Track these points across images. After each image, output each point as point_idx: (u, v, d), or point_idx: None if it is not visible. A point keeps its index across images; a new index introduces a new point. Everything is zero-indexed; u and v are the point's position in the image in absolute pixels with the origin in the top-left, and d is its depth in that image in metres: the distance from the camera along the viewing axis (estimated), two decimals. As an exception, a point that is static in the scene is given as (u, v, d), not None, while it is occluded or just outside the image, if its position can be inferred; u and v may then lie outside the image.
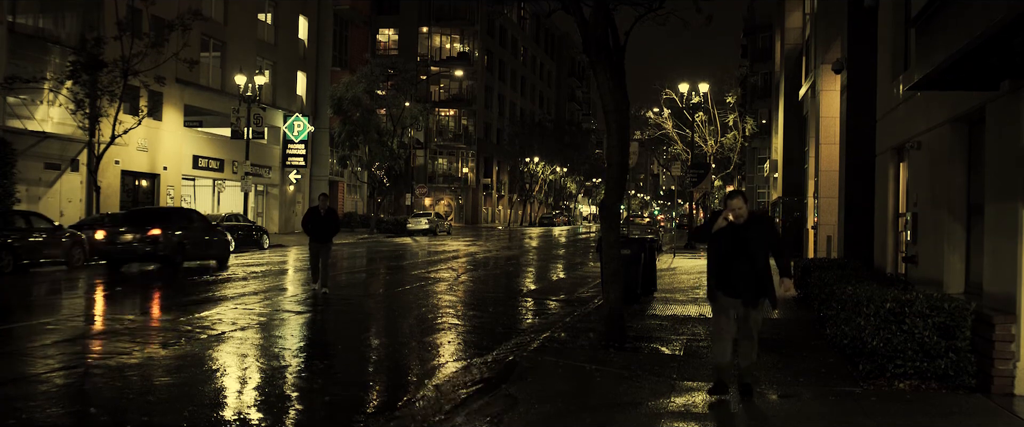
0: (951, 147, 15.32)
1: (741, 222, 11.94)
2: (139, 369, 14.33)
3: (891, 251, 20.82)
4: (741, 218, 11.94)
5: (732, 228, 11.99)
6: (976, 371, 12.22)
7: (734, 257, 12.00)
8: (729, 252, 12.03)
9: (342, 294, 26.46)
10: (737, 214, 11.93)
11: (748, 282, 11.96)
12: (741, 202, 12.02)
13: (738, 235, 11.95)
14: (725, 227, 11.99)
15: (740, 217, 11.92)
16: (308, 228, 26.43)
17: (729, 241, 12.01)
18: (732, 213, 11.95)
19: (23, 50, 44.74)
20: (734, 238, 11.98)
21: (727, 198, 12.37)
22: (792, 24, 41.94)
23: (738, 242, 11.96)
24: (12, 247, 31.70)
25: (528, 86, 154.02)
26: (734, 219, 11.93)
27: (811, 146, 33.92)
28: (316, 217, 26.32)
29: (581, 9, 17.07)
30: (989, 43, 10.17)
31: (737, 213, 11.94)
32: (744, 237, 11.92)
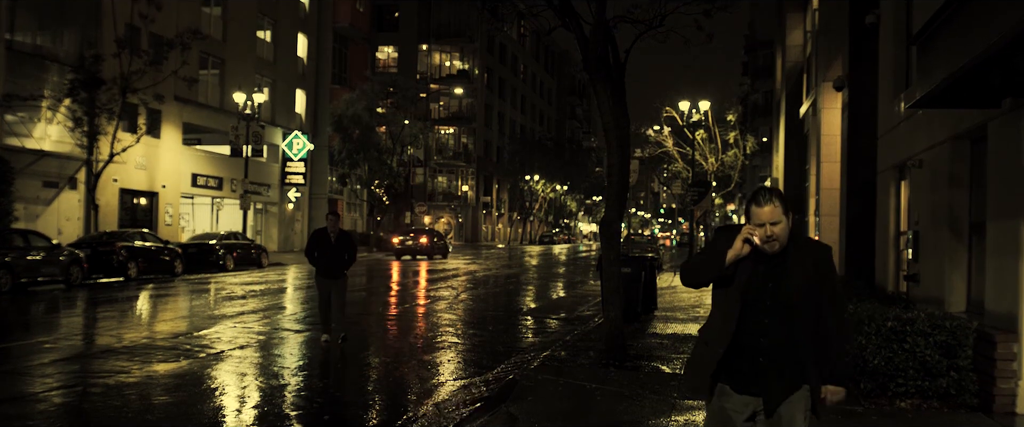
0: (952, 165, 15.29)
1: (774, 251, 6.53)
2: (138, 388, 14.28)
3: (892, 269, 20.77)
4: (775, 244, 6.51)
5: (757, 260, 6.60)
6: (978, 390, 12.17)
7: (758, 313, 6.57)
8: (751, 303, 6.59)
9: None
10: (770, 237, 6.49)
11: (779, 362, 6.60)
12: (777, 211, 6.48)
13: (768, 274, 6.59)
14: (746, 256, 6.56)
15: (775, 242, 6.50)
16: (314, 257, 19.67)
17: (751, 284, 6.60)
18: (759, 232, 6.48)
19: (21, 68, 44.72)
20: (761, 279, 6.59)
21: (751, 202, 6.59)
22: (793, 42, 41.89)
23: (767, 286, 6.59)
24: (10, 266, 31.62)
25: (528, 104, 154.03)
26: (762, 244, 6.49)
27: (812, 164, 33.86)
28: (323, 243, 19.60)
29: (581, 27, 17.06)
30: (990, 61, 10.14)
31: (770, 235, 6.48)
32: (779, 278, 6.56)
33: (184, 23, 51.31)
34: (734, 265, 6.52)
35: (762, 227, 6.45)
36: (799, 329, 6.51)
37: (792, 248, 6.55)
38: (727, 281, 6.60)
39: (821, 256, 6.67)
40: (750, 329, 6.57)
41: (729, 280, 6.59)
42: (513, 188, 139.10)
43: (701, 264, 6.74)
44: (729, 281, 6.59)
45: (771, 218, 6.44)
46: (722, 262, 6.48)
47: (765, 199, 6.49)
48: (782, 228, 6.44)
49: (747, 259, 6.53)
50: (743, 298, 6.55)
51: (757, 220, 6.45)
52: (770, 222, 6.42)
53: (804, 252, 6.61)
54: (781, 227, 6.43)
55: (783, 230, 6.44)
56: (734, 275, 6.57)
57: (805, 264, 6.54)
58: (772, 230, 6.40)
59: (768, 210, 6.45)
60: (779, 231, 6.43)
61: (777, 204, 6.45)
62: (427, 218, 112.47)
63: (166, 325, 23.65)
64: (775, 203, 6.46)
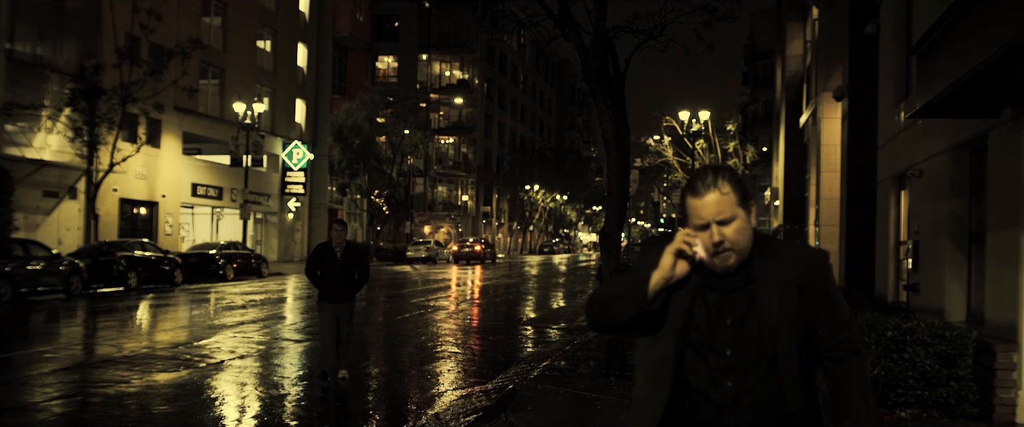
0: (953, 175, 15.28)
1: (729, 267, 4.05)
2: (138, 397, 14.27)
3: (892, 279, 20.76)
4: (730, 256, 4.01)
5: (704, 285, 4.13)
6: (978, 399, 12.14)
7: (710, 372, 4.07)
8: (697, 358, 4.10)
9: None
10: (719, 244, 4.00)
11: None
12: (728, 201, 4.02)
13: (723, 305, 4.09)
14: (682, 280, 4.10)
15: (728, 253, 4.01)
16: (316, 276, 16.03)
17: (693, 325, 4.11)
18: (701, 239, 4.04)
19: (21, 77, 44.71)
20: (712, 315, 4.10)
21: (686, 191, 4.16)
22: (793, 52, 41.94)
23: (722, 325, 4.07)
24: (10, 275, 31.62)
25: (528, 113, 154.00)
26: (709, 258, 4.05)
27: (812, 174, 33.88)
28: (328, 259, 15.90)
29: (581, 36, 17.06)
30: (991, 70, 10.13)
31: (718, 241, 4.00)
32: (742, 311, 4.07)
33: (184, 33, 51.39)
34: (664, 295, 4.04)
35: (705, 230, 3.95)
36: (788, 395, 3.99)
37: (759, 260, 4.04)
38: (653, 323, 4.10)
39: (812, 270, 4.07)
40: (698, 401, 4.06)
41: (656, 321, 4.09)
42: (513, 198, 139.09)
43: (617, 294, 4.17)
44: (656, 323, 4.10)
45: (717, 213, 3.93)
46: (643, 295, 4.01)
47: (707, 184, 4.00)
48: (738, 229, 3.95)
49: (684, 285, 4.06)
50: (682, 349, 4.05)
51: (697, 218, 3.97)
52: (717, 220, 3.93)
53: (781, 265, 4.04)
54: (736, 227, 3.95)
55: (740, 232, 3.95)
56: (664, 313, 4.08)
57: (784, 284, 3.99)
58: (722, 233, 3.92)
59: (713, 200, 3.95)
60: (733, 234, 3.93)
61: (728, 190, 3.97)
62: (427, 228, 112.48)
63: (166, 335, 23.64)
64: (723, 189, 3.97)
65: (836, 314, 4.13)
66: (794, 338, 4.01)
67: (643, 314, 4.11)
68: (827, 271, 4.19)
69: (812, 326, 4.07)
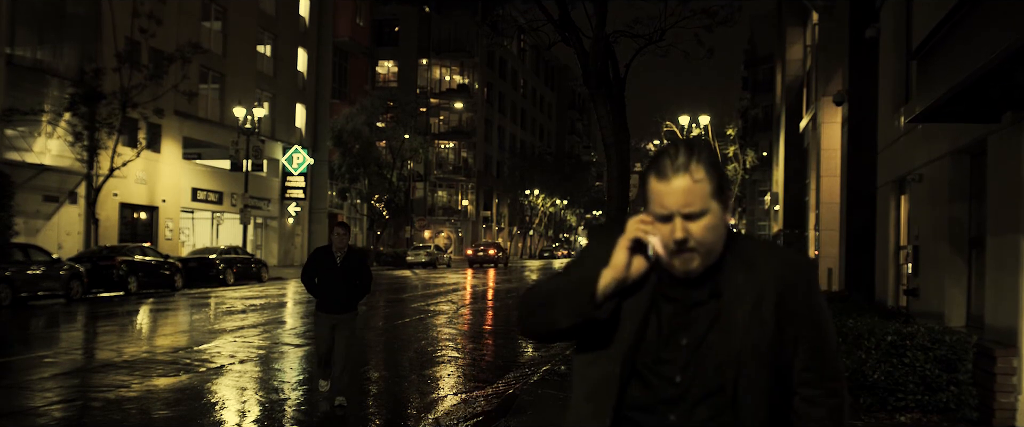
0: (952, 179, 15.29)
1: (691, 271, 3.18)
2: (138, 402, 14.26)
3: (892, 283, 20.76)
4: (693, 258, 3.15)
5: (661, 291, 3.27)
6: (978, 404, 12.15)
7: (656, 403, 3.26)
8: (644, 382, 3.28)
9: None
10: (683, 242, 3.13)
11: None
12: (699, 189, 3.14)
13: (680, 320, 3.24)
14: (638, 282, 3.27)
15: (692, 255, 3.15)
16: (313, 284, 14.24)
17: (644, 343, 3.26)
18: (660, 232, 3.17)
19: (21, 82, 44.65)
20: (665, 331, 3.25)
21: (650, 170, 3.23)
22: (793, 56, 41.96)
23: (676, 346, 3.23)
24: (10, 280, 31.62)
25: (528, 118, 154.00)
26: (668, 258, 3.18)
27: (812, 178, 33.89)
28: (327, 265, 14.13)
29: (581, 41, 17.10)
30: (990, 75, 10.14)
31: (682, 238, 3.13)
32: (701, 330, 3.21)
33: (184, 37, 51.33)
34: (612, 301, 3.25)
35: (667, 222, 3.14)
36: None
37: (730, 267, 3.25)
38: (599, 335, 3.32)
39: (794, 284, 3.26)
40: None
41: (603, 334, 3.31)
42: (513, 202, 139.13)
43: (558, 294, 3.36)
44: (603, 335, 3.31)
45: (685, 204, 3.11)
46: (589, 297, 3.23)
47: (677, 165, 3.15)
48: (708, 226, 3.14)
49: (640, 287, 3.27)
50: (631, 369, 3.27)
51: (659, 207, 3.15)
52: (683, 212, 3.11)
53: (756, 275, 3.23)
54: (706, 224, 3.14)
55: (710, 230, 3.15)
56: (613, 323, 3.29)
57: (758, 301, 3.20)
58: (687, 229, 3.11)
59: (681, 187, 3.12)
60: (702, 232, 3.13)
61: (702, 176, 3.14)
62: (427, 233, 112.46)
63: (166, 339, 23.63)
64: (696, 174, 3.13)
65: (820, 343, 3.31)
66: (763, 370, 3.17)
67: (584, 324, 3.30)
68: (813, 286, 3.32)
69: (788, 356, 3.24)
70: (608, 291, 3.24)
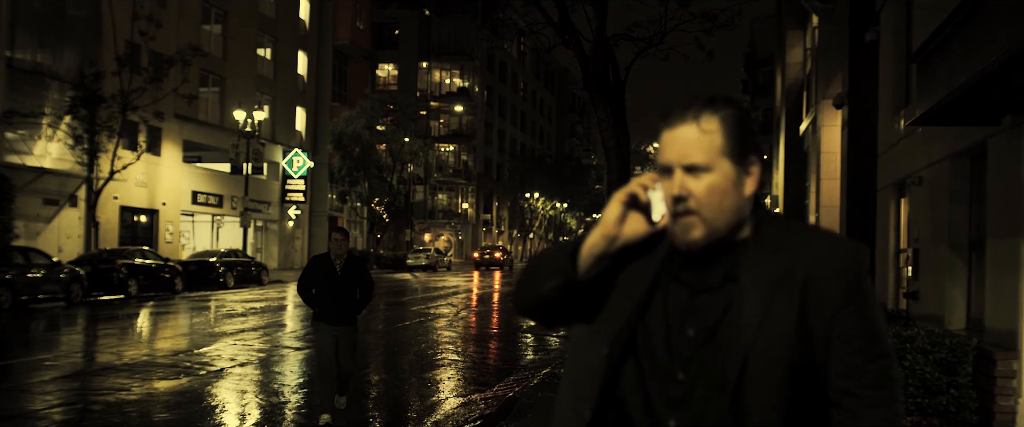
0: (952, 182, 15.28)
1: (693, 242, 2.71)
2: (138, 405, 14.27)
3: (892, 286, 20.76)
4: (693, 222, 2.70)
5: (664, 266, 2.81)
6: (977, 407, 12.13)
7: (650, 405, 2.77)
8: (638, 373, 2.80)
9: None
10: (682, 199, 2.70)
11: None
12: (709, 141, 2.72)
13: (686, 304, 2.76)
14: (632, 249, 2.83)
15: (690, 218, 2.70)
16: (310, 294, 13.15)
17: (637, 325, 2.80)
18: (660, 186, 2.77)
19: (21, 85, 44.61)
20: (666, 315, 2.77)
21: (661, 121, 2.82)
22: (793, 59, 41.93)
23: (681, 334, 2.74)
24: (10, 283, 31.61)
25: (528, 121, 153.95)
26: (671, 219, 2.74)
27: (812, 181, 33.88)
28: (325, 273, 12.96)
29: (581, 44, 17.11)
30: (990, 78, 10.14)
31: (681, 195, 2.70)
32: (712, 318, 2.72)
33: (184, 40, 51.28)
34: (599, 264, 2.83)
35: (668, 174, 2.74)
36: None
37: (751, 249, 2.76)
38: (590, 312, 2.91)
39: (829, 272, 2.69)
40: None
41: (594, 310, 2.90)
42: (513, 206, 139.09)
43: (541, 257, 3.05)
44: (593, 312, 2.90)
45: (685, 155, 2.71)
46: (569, 256, 2.86)
47: (685, 114, 2.76)
48: (712, 186, 2.70)
49: (640, 258, 2.84)
50: (621, 356, 2.82)
51: (661, 157, 2.77)
52: (682, 164, 2.71)
53: (781, 258, 2.72)
54: (710, 183, 2.70)
55: (714, 192, 2.70)
56: (605, 299, 2.88)
57: (779, 287, 2.69)
58: (685, 185, 2.69)
59: (684, 136, 2.73)
60: (703, 192, 2.69)
61: (713, 128, 2.72)
62: (427, 236, 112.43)
63: (166, 342, 23.64)
64: (706, 124, 2.72)
65: (865, 344, 2.69)
66: (776, 371, 2.62)
67: (575, 291, 2.84)
68: (859, 276, 2.73)
69: (816, 359, 2.66)
70: (595, 251, 2.79)
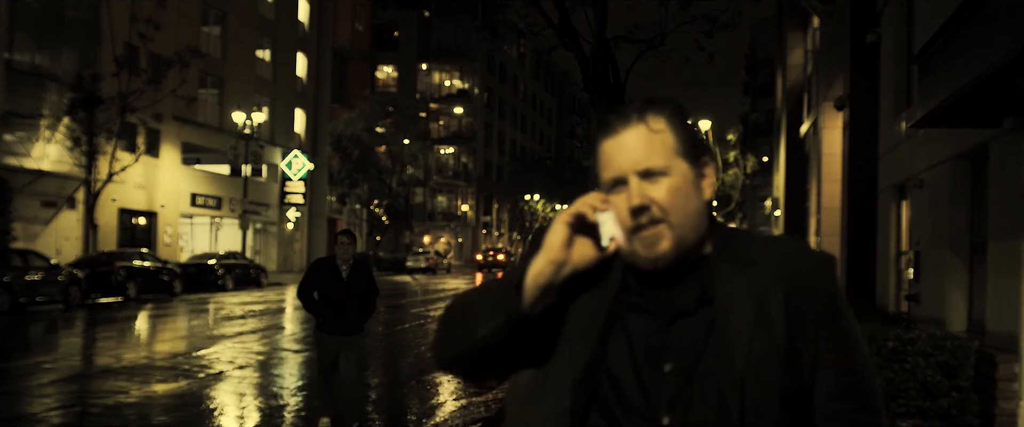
0: (954, 185, 15.25)
1: (660, 257, 2.36)
2: (137, 408, 14.23)
3: (893, 289, 20.71)
4: (660, 233, 2.36)
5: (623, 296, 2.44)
6: (979, 410, 12.09)
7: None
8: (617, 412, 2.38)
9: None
10: (642, 210, 2.36)
11: None
12: (661, 141, 2.42)
13: (656, 337, 2.38)
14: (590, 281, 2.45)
15: (657, 229, 2.36)
16: (312, 301, 12.21)
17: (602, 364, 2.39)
18: (615, 204, 2.41)
19: (20, 87, 44.51)
20: (639, 350, 2.39)
21: (599, 134, 2.54)
22: (793, 61, 41.88)
23: (655, 373, 2.36)
24: (8, 286, 31.52)
25: (528, 123, 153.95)
26: (629, 245, 2.38)
27: (812, 183, 33.85)
28: (330, 278, 12.05)
29: (581, 46, 17.06)
30: (991, 80, 10.10)
31: (641, 205, 2.36)
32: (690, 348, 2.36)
33: (183, 42, 51.21)
34: (547, 297, 2.40)
35: (621, 188, 2.42)
36: None
37: (722, 264, 2.45)
38: (538, 357, 2.48)
39: (811, 285, 2.44)
40: None
41: (543, 355, 2.47)
42: (513, 208, 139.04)
43: (474, 294, 2.58)
44: (543, 357, 2.47)
45: (639, 160, 2.40)
46: (514, 288, 2.40)
47: (628, 117, 2.46)
48: (675, 189, 2.40)
49: (590, 290, 2.47)
50: (586, 407, 2.40)
51: (609, 170, 2.47)
52: (637, 170, 2.40)
53: (758, 273, 2.42)
54: (672, 186, 2.39)
55: (678, 195, 2.40)
56: (556, 341, 2.47)
57: (763, 304, 2.39)
58: (646, 193, 2.38)
59: (634, 139, 2.43)
60: (666, 196, 2.38)
61: (662, 127, 2.44)
62: (427, 238, 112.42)
63: (165, 345, 23.62)
64: (655, 124, 2.44)
65: (850, 362, 2.45)
66: (772, 399, 2.33)
67: (517, 332, 2.39)
68: (834, 287, 2.47)
69: (803, 381, 2.39)
70: (540, 281, 2.36)
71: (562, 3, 17.56)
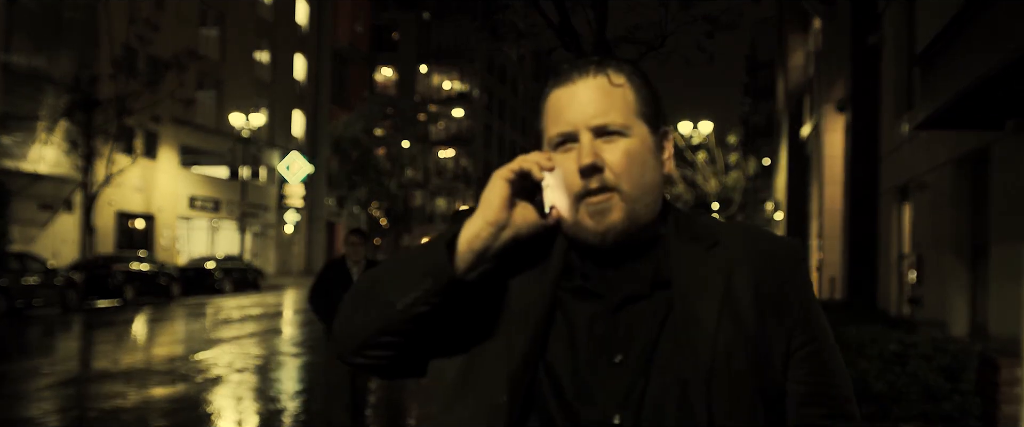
0: (955, 187, 15.20)
1: (611, 228, 2.08)
2: (135, 412, 14.14)
3: (895, 292, 20.67)
4: (612, 203, 2.09)
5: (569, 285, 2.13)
6: (981, 413, 12.04)
7: None
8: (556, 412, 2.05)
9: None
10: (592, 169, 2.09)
11: None
12: (620, 96, 2.16)
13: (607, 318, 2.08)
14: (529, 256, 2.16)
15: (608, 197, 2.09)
16: (325, 308, 10.93)
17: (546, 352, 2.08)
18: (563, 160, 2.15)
19: (17, 89, 44.44)
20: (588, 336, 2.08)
21: (549, 84, 2.33)
22: (794, 62, 41.87)
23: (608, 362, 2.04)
24: (5, 289, 31.40)
25: (528, 125, 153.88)
26: (574, 214, 2.11)
27: (814, 186, 33.82)
28: (342, 282, 10.72)
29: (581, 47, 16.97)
30: (993, 82, 10.05)
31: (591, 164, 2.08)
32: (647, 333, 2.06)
33: (181, 44, 51.13)
34: (483, 265, 2.11)
35: (570, 145, 2.17)
36: None
37: (680, 244, 2.16)
38: (456, 335, 2.16)
39: (780, 272, 2.17)
40: None
41: (461, 334, 2.16)
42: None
43: (393, 263, 2.26)
44: (460, 336, 2.16)
45: (595, 114, 2.14)
46: (444, 250, 2.11)
47: (584, 69, 2.23)
48: (631, 152, 2.13)
49: (530, 267, 2.17)
50: (524, 407, 2.07)
51: (557, 124, 2.23)
52: (591, 125, 2.14)
53: (721, 252, 2.15)
54: (628, 148, 2.13)
55: (634, 160, 2.13)
56: (491, 326, 2.14)
57: (729, 286, 2.11)
58: (599, 154, 2.11)
59: (591, 87, 2.18)
60: (621, 159, 2.11)
61: (622, 82, 2.20)
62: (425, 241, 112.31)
63: (163, 349, 23.54)
64: (615, 77, 2.20)
65: (825, 357, 2.18)
66: (743, 395, 2.04)
67: (443, 307, 2.08)
68: (805, 275, 2.23)
69: (775, 377, 2.11)
70: (476, 245, 2.08)
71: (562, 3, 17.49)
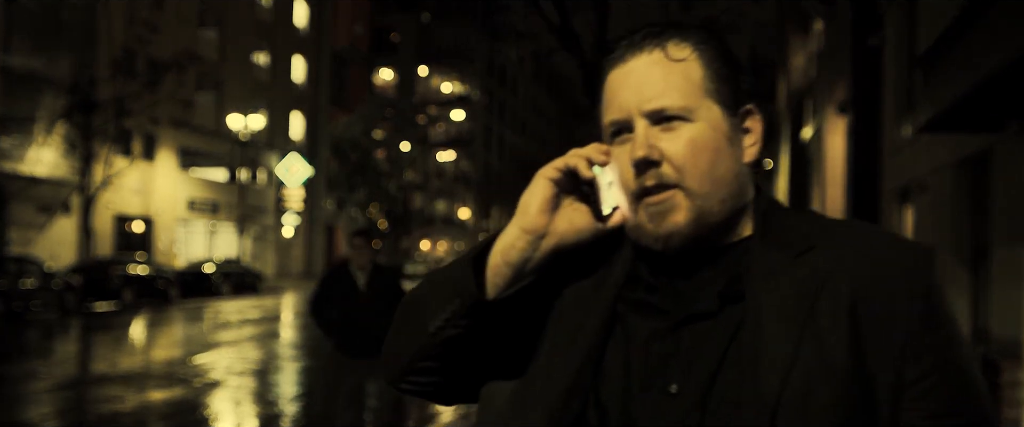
0: (957, 189, 15.16)
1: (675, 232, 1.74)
2: (133, 416, 14.10)
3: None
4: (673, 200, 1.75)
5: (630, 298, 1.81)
6: (985, 417, 11.97)
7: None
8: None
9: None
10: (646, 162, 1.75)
11: None
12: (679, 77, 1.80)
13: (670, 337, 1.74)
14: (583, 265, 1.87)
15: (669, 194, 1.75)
16: (327, 318, 10.16)
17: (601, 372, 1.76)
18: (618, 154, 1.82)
19: (15, 90, 44.36)
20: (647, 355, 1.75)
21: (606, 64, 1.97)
22: (795, 64, 41.81)
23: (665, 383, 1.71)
24: (3, 292, 31.32)
25: (528, 127, 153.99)
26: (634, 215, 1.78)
27: (815, 188, 33.75)
28: (345, 288, 9.97)
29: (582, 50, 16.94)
30: (995, 83, 10.00)
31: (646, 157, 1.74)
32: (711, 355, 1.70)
33: (181, 46, 51.05)
34: (522, 279, 1.85)
35: (624, 137, 1.84)
36: None
37: (762, 251, 1.78)
38: (503, 359, 1.89)
39: (886, 285, 1.70)
40: None
41: (508, 357, 1.88)
42: (513, 213, 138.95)
43: (429, 290, 1.92)
44: (508, 359, 1.89)
45: (651, 97, 1.79)
46: (471, 263, 1.87)
47: (640, 43, 1.89)
48: (695, 142, 1.77)
49: (584, 278, 1.88)
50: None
51: (611, 111, 1.89)
52: (646, 110, 1.79)
53: (811, 261, 1.73)
54: (692, 137, 1.77)
55: (702, 151, 1.77)
56: (527, 341, 1.88)
57: (815, 304, 1.68)
58: (655, 144, 1.77)
59: (646, 65, 1.83)
60: (683, 150, 1.76)
61: (685, 52, 1.83)
62: (425, 244, 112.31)
63: (161, 352, 23.49)
64: (675, 52, 1.83)
65: (955, 392, 1.73)
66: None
67: (484, 328, 1.83)
68: (932, 290, 1.75)
69: (879, 415, 1.68)
70: (512, 257, 1.85)
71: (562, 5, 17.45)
